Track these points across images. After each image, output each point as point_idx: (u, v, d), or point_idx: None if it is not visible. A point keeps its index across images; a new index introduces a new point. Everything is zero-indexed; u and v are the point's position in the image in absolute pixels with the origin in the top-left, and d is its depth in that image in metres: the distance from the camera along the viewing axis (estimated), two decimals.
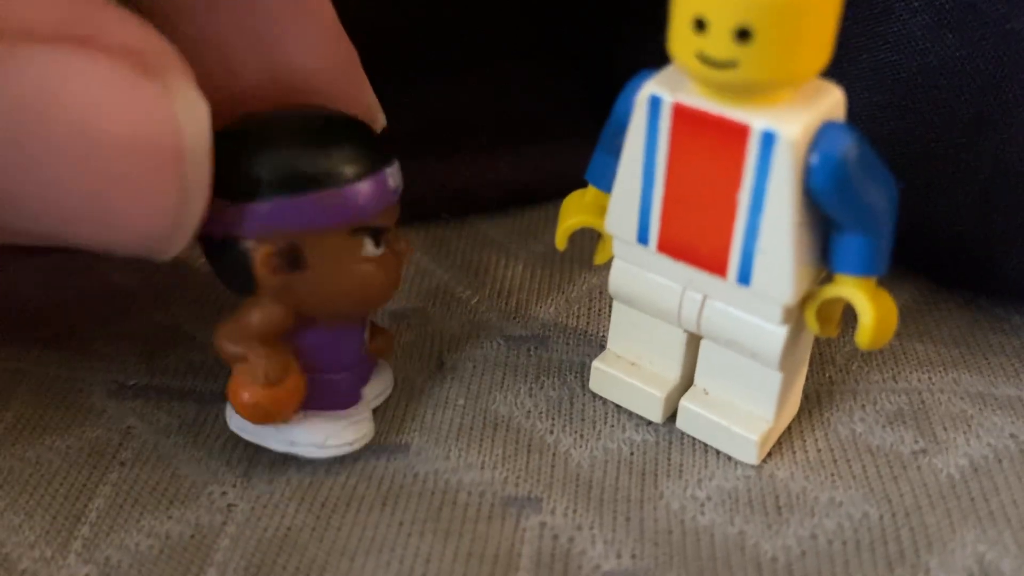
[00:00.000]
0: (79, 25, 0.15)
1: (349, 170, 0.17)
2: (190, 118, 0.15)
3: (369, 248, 0.17)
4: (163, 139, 0.15)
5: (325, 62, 0.18)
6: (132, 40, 0.15)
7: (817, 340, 0.21)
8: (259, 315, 0.17)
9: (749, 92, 0.16)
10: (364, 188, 0.17)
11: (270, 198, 0.17)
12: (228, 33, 0.17)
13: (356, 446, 0.19)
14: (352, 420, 0.19)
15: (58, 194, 0.15)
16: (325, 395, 0.18)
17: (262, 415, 0.18)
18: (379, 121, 0.19)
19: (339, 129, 0.17)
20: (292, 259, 0.17)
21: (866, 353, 0.22)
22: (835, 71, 0.17)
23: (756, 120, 0.16)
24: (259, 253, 0.17)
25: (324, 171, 0.17)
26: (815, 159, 0.16)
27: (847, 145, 0.16)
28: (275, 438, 0.19)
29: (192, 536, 0.18)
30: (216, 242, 0.17)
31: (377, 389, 0.20)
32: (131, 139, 0.15)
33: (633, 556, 0.18)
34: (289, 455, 0.19)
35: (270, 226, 0.17)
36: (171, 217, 0.15)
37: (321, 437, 0.19)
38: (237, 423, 0.19)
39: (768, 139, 0.16)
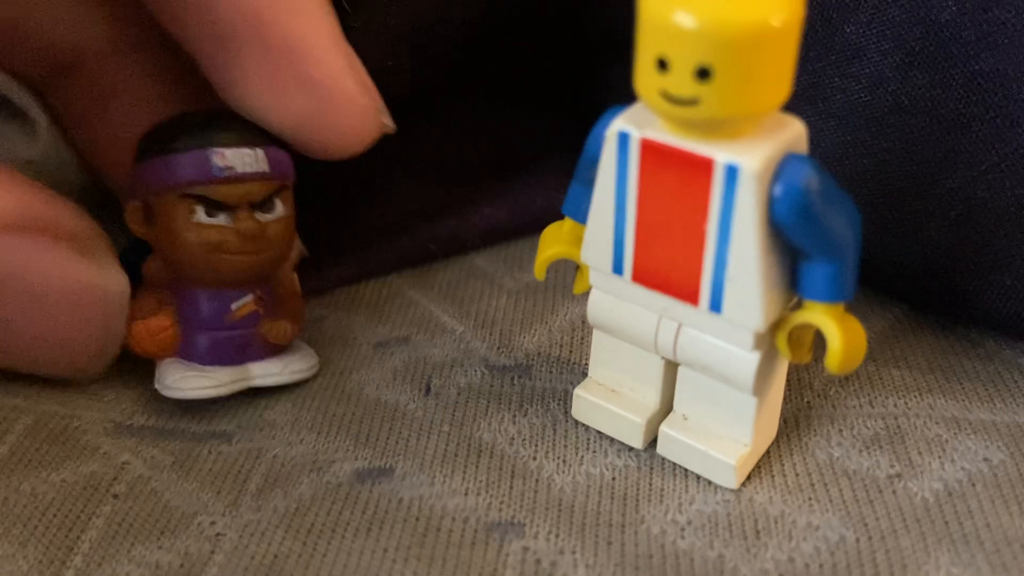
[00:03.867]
0: (37, 216, 0.20)
1: (176, 143, 0.20)
2: (114, 284, 0.20)
3: (200, 215, 0.20)
4: (94, 300, 0.20)
5: (351, 86, 0.20)
6: (74, 227, 0.20)
7: (795, 366, 0.22)
8: (147, 266, 0.21)
9: (712, 127, 0.16)
10: (183, 160, 0.20)
11: (136, 162, 0.21)
12: (255, 70, 0.20)
13: (191, 394, 0.21)
14: (198, 374, 0.21)
15: (10, 336, 0.20)
16: (188, 347, 0.21)
17: (132, 344, 0.21)
18: (387, 127, 0.21)
19: (216, 120, 0.21)
20: (145, 215, 0.21)
21: (843, 378, 0.22)
22: (808, 110, 0.17)
23: (719, 154, 0.17)
24: (127, 208, 0.21)
25: (160, 142, 0.20)
26: (778, 190, 0.17)
27: (808, 176, 0.16)
28: (156, 377, 0.21)
29: (181, 565, 0.18)
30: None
31: (271, 369, 0.22)
32: (72, 302, 0.20)
33: None
34: (276, 479, 0.20)
35: (134, 187, 0.21)
36: (95, 351, 0.21)
37: (169, 378, 0.21)
38: None
39: (731, 172, 0.16)
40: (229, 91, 0.20)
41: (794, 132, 0.17)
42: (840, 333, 0.18)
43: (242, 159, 0.20)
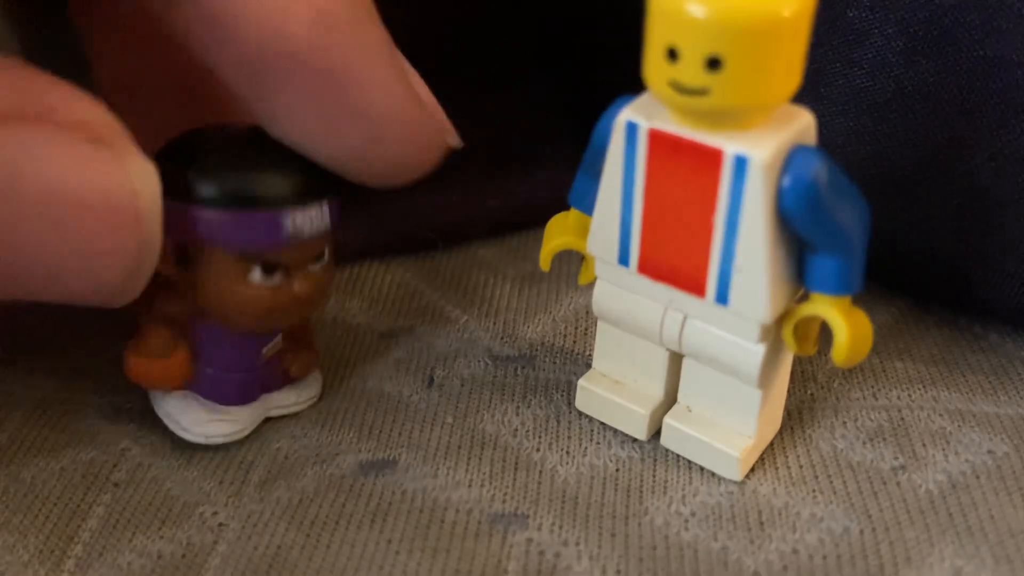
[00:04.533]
0: (33, 104, 0.16)
1: (238, 197, 0.17)
2: (143, 181, 0.16)
3: (255, 275, 0.18)
4: (121, 202, 0.16)
5: (399, 119, 0.18)
6: (83, 115, 0.16)
7: (799, 358, 0.22)
8: (161, 298, 0.19)
9: (721, 118, 0.16)
10: (250, 222, 0.18)
11: (172, 199, 0.17)
12: (301, 104, 0.18)
13: (214, 440, 0.20)
14: (222, 418, 0.20)
15: (23, 255, 0.16)
16: (210, 387, 0.20)
17: (134, 377, 0.19)
18: (454, 143, 0.20)
19: (267, 155, 0.18)
20: (180, 257, 0.18)
21: (847, 371, 0.22)
22: (811, 96, 0.17)
23: (728, 145, 0.16)
24: None
25: (213, 187, 0.17)
26: (786, 182, 0.16)
27: (817, 168, 0.16)
28: (158, 404, 0.20)
29: (183, 555, 0.18)
30: None
31: (287, 400, 0.21)
32: (92, 204, 0.16)
33: (618, 571, 0.18)
34: (279, 471, 0.20)
35: (168, 224, 0.17)
36: (128, 271, 0.17)
37: (185, 420, 0.20)
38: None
39: (740, 163, 0.16)
40: (272, 125, 0.18)
41: (803, 123, 0.17)
42: (847, 326, 0.17)
43: (310, 220, 0.18)
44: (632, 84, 0.18)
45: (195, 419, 0.20)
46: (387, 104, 0.18)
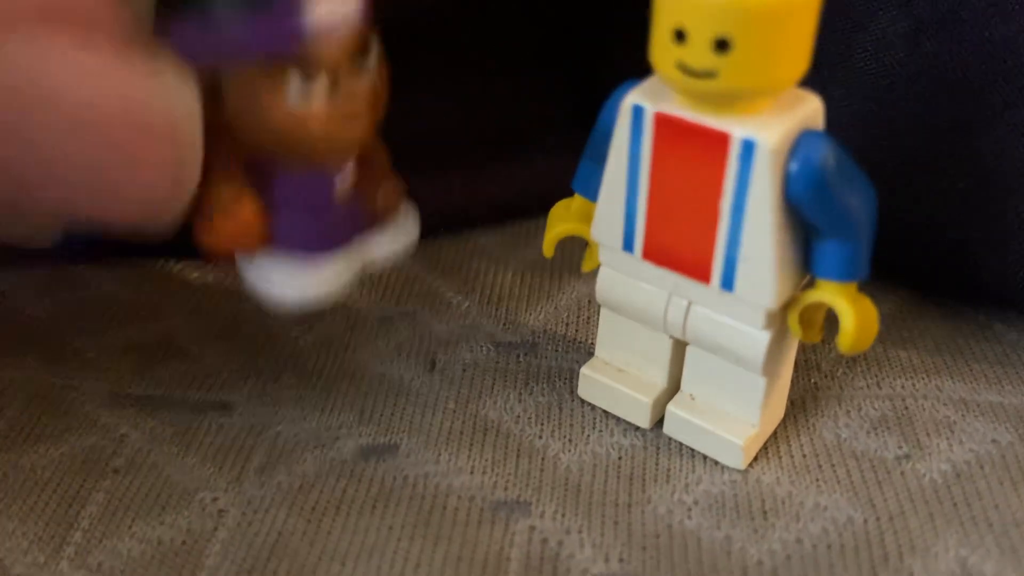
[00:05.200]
0: (67, 6, 0.15)
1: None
2: (180, 93, 0.16)
3: (296, 86, 0.16)
4: (157, 114, 0.15)
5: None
6: (119, 23, 0.15)
7: (802, 346, 0.22)
8: (213, 152, 0.17)
9: (728, 101, 0.16)
10: (268, 15, 0.15)
11: (174, 19, 0.16)
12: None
13: (313, 292, 0.18)
14: (315, 273, 0.18)
15: (59, 172, 0.15)
16: (291, 236, 0.18)
17: (208, 244, 0.17)
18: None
19: None
20: (206, 91, 0.16)
21: (851, 359, 0.22)
22: (815, 79, 0.17)
23: (736, 129, 0.16)
24: None
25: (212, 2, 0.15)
26: (794, 167, 0.16)
27: (825, 153, 0.16)
28: (249, 272, 0.18)
29: (183, 542, 0.18)
30: None
31: (384, 245, 0.19)
32: (127, 116, 0.15)
33: (621, 560, 0.18)
34: (279, 456, 0.19)
35: (179, 52, 0.16)
36: (168, 188, 0.16)
37: (277, 276, 0.18)
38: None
39: (748, 147, 0.16)
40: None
41: (810, 108, 0.17)
42: (853, 313, 0.17)
43: (337, 2, 0.16)
44: (637, 69, 0.18)
45: (285, 277, 0.18)
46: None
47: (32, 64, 0.15)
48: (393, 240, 0.19)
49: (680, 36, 0.16)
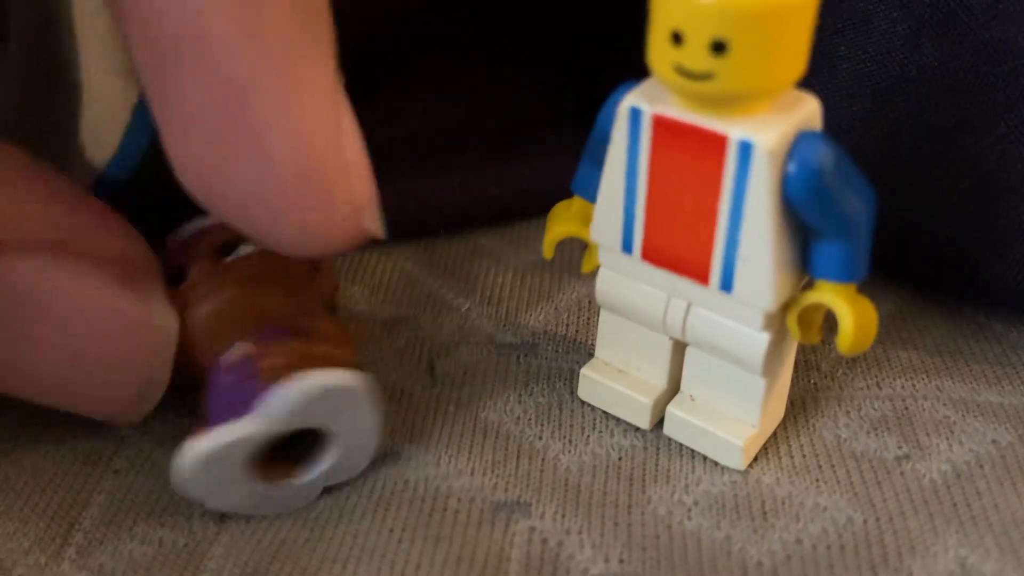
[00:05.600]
0: (67, 233, 0.16)
1: None
2: (160, 325, 0.17)
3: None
4: (137, 347, 0.17)
5: (297, 171, 0.15)
6: (115, 247, 0.17)
7: (802, 347, 0.22)
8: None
9: (726, 103, 0.16)
10: None
11: None
12: (202, 110, 0.15)
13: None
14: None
15: (40, 379, 0.17)
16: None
17: None
18: (373, 234, 0.17)
19: None
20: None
21: (850, 360, 0.22)
22: (814, 81, 0.17)
23: (733, 130, 0.16)
24: None
25: None
26: (792, 168, 0.16)
27: (823, 154, 0.16)
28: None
29: (185, 544, 0.18)
30: None
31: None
32: (109, 342, 0.17)
33: (621, 560, 0.18)
34: None
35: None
36: (135, 401, 0.18)
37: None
38: None
39: (745, 149, 0.16)
40: (167, 137, 0.15)
41: (809, 109, 0.17)
42: (852, 313, 0.17)
43: None
44: (636, 70, 0.18)
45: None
46: (295, 145, 0.14)
47: (28, 285, 0.16)
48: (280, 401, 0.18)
49: (677, 38, 0.16)
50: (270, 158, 0.14)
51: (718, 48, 0.15)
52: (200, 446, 0.17)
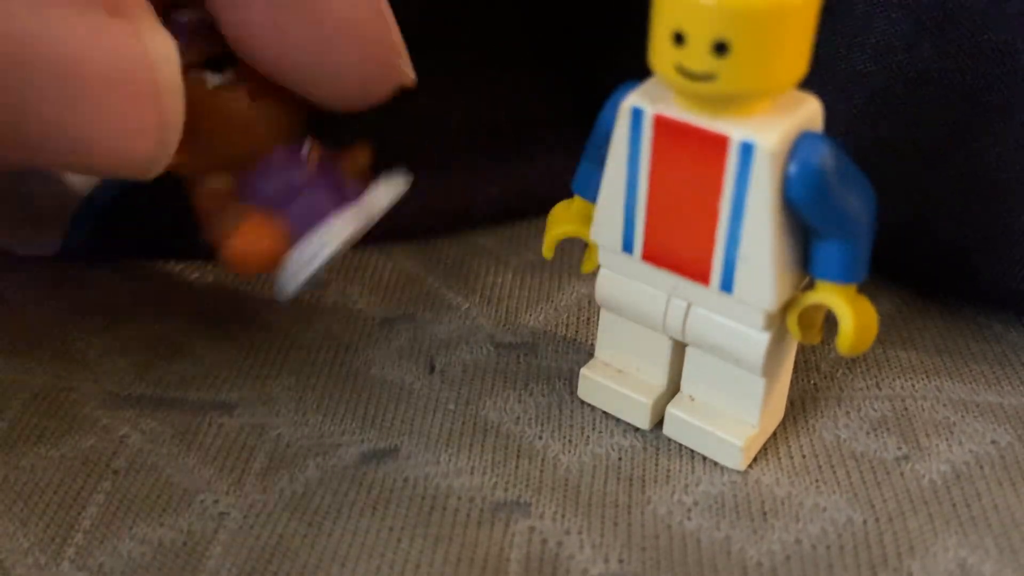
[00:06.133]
0: None
1: None
2: (161, 53, 0.16)
3: (211, 79, 0.18)
4: (138, 74, 0.16)
5: (354, 17, 0.17)
6: None
7: (802, 347, 0.22)
8: (199, 184, 0.19)
9: (728, 103, 0.16)
10: None
11: None
12: None
13: (348, 235, 0.19)
14: (323, 235, 0.19)
15: (45, 129, 0.16)
16: (298, 222, 0.19)
17: (248, 263, 0.19)
18: (408, 83, 0.19)
19: None
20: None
21: (850, 360, 0.22)
22: (813, 80, 0.17)
23: (735, 131, 0.16)
24: None
25: None
26: (793, 168, 0.16)
27: (824, 154, 0.16)
28: (289, 282, 0.20)
29: (184, 543, 0.18)
30: None
31: (381, 195, 0.20)
32: (109, 77, 0.16)
33: (620, 561, 0.18)
34: (281, 461, 0.19)
35: None
36: (152, 143, 0.17)
37: (302, 259, 0.19)
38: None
39: (747, 149, 0.16)
40: (224, 13, 0.17)
41: (810, 110, 0.17)
42: (852, 314, 0.17)
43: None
44: (637, 70, 0.18)
45: (305, 257, 0.19)
46: (347, 6, 0.17)
47: (13, 24, 0.15)
48: (384, 194, 0.20)
49: (679, 39, 0.16)
50: (325, 19, 0.16)
51: (720, 49, 0.15)
52: (344, 228, 0.19)
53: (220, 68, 0.18)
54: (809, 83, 0.17)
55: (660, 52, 0.16)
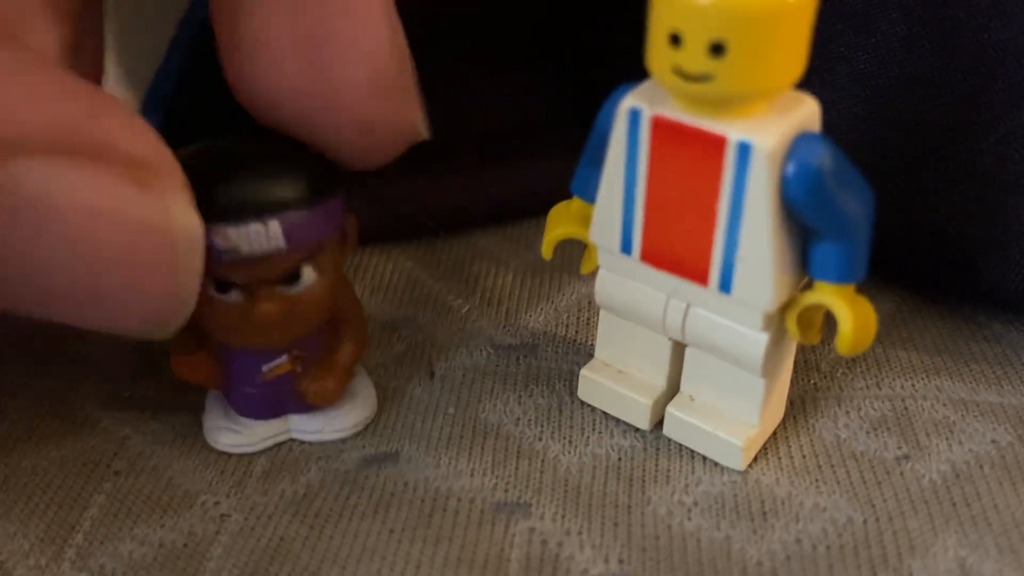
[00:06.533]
0: (78, 132, 0.15)
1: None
2: (185, 230, 0.16)
3: (212, 291, 0.17)
4: (157, 250, 0.16)
5: (366, 75, 0.17)
6: (133, 148, 0.16)
7: (802, 347, 0.22)
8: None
9: (725, 104, 0.16)
10: None
11: None
12: (274, 27, 0.17)
13: (220, 447, 0.20)
14: (234, 427, 0.20)
15: (60, 295, 0.16)
16: (228, 394, 0.20)
17: (175, 372, 0.20)
18: (421, 137, 0.19)
19: (221, 168, 0.17)
20: None
21: (850, 360, 0.22)
22: (813, 81, 0.17)
23: (732, 132, 0.16)
24: None
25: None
26: (791, 169, 0.16)
27: (822, 155, 0.16)
28: (208, 405, 0.21)
29: (185, 545, 0.18)
30: None
31: (311, 425, 0.20)
32: (128, 253, 0.16)
33: (620, 561, 0.18)
34: (283, 464, 0.19)
35: None
36: (165, 314, 0.16)
37: (206, 420, 0.20)
38: None
39: (744, 150, 0.16)
40: (232, 57, 0.17)
41: (807, 110, 0.17)
42: (851, 314, 0.17)
43: (248, 238, 0.17)
44: (638, 71, 0.18)
45: (213, 423, 0.20)
46: (373, 45, 0.16)
47: (37, 191, 0.15)
48: (325, 424, 0.20)
49: (676, 40, 0.16)
50: (346, 63, 0.16)
51: (716, 50, 0.15)
52: (231, 442, 0.20)
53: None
54: (808, 83, 0.17)
55: (657, 53, 0.16)
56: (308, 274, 0.18)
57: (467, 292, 0.24)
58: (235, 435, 0.20)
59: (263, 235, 0.17)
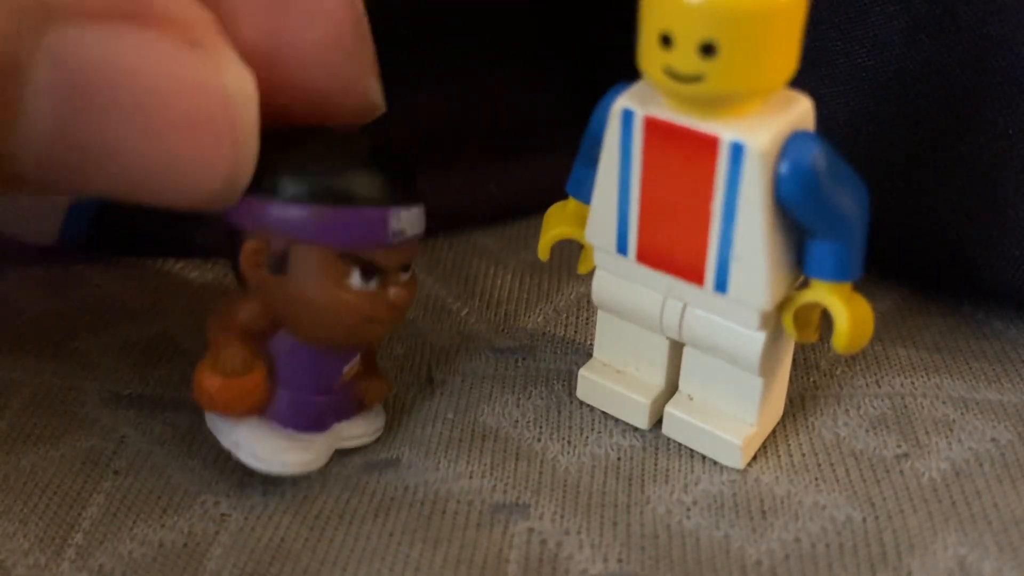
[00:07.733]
0: (133, 1, 0.15)
1: (347, 193, 0.17)
2: (239, 87, 0.16)
3: (355, 280, 0.17)
4: (215, 109, 0.16)
5: (327, 32, 0.17)
6: (177, 11, 0.16)
7: (801, 345, 0.22)
8: (240, 308, 0.18)
9: (717, 104, 0.16)
10: (359, 217, 0.17)
11: (269, 198, 0.17)
12: None
13: (290, 470, 0.18)
14: (301, 444, 0.19)
15: (120, 160, 0.16)
16: (287, 411, 0.18)
17: (207, 401, 0.18)
18: (377, 108, 0.19)
19: (366, 154, 0.18)
20: (276, 262, 0.17)
21: (850, 358, 0.22)
22: (811, 76, 0.17)
23: (725, 132, 0.16)
24: (246, 247, 0.17)
25: (322, 187, 0.17)
26: (784, 168, 0.16)
27: (815, 153, 0.16)
28: (225, 433, 0.18)
29: (185, 544, 0.18)
30: (230, 229, 0.18)
31: (357, 430, 0.20)
32: (185, 111, 0.15)
33: (620, 560, 0.18)
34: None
35: (265, 225, 0.17)
36: (226, 178, 0.16)
37: (260, 448, 0.18)
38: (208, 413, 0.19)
39: (737, 150, 0.16)
40: (273, 14, 0.17)
41: (801, 108, 0.17)
42: (847, 312, 0.17)
43: (411, 221, 0.18)
44: (636, 70, 0.18)
45: (273, 448, 0.18)
46: (334, 3, 0.17)
47: (93, 55, 0.15)
48: (367, 427, 0.20)
49: (666, 41, 0.16)
50: (308, 20, 0.16)
51: (707, 50, 0.15)
52: (300, 460, 0.19)
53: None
54: (806, 79, 0.17)
55: (648, 54, 0.16)
56: (412, 263, 0.19)
57: (466, 294, 0.24)
58: (303, 452, 0.18)
59: (420, 219, 0.18)
